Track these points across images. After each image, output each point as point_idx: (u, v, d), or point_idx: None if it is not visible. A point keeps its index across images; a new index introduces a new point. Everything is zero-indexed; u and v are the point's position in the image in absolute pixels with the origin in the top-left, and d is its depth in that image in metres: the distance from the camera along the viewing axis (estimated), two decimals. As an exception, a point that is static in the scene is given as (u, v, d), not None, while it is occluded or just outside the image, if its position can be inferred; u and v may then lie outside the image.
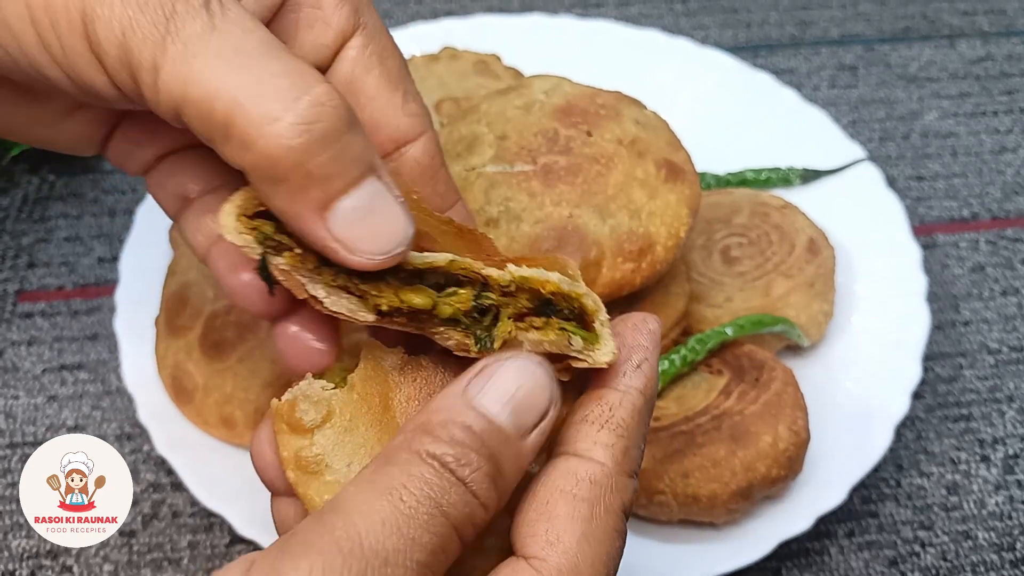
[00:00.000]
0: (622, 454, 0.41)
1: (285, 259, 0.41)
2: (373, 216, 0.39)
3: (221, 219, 0.41)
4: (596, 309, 0.42)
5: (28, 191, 1.01)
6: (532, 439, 0.40)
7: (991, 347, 0.91)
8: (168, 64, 0.36)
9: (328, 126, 0.37)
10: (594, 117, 0.76)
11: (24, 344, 0.89)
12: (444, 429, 0.38)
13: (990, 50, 1.20)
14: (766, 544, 0.71)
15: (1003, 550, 0.78)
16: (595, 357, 0.42)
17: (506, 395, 0.39)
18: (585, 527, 0.39)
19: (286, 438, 0.43)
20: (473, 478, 0.37)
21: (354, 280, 0.42)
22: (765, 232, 0.86)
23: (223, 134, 0.37)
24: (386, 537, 0.34)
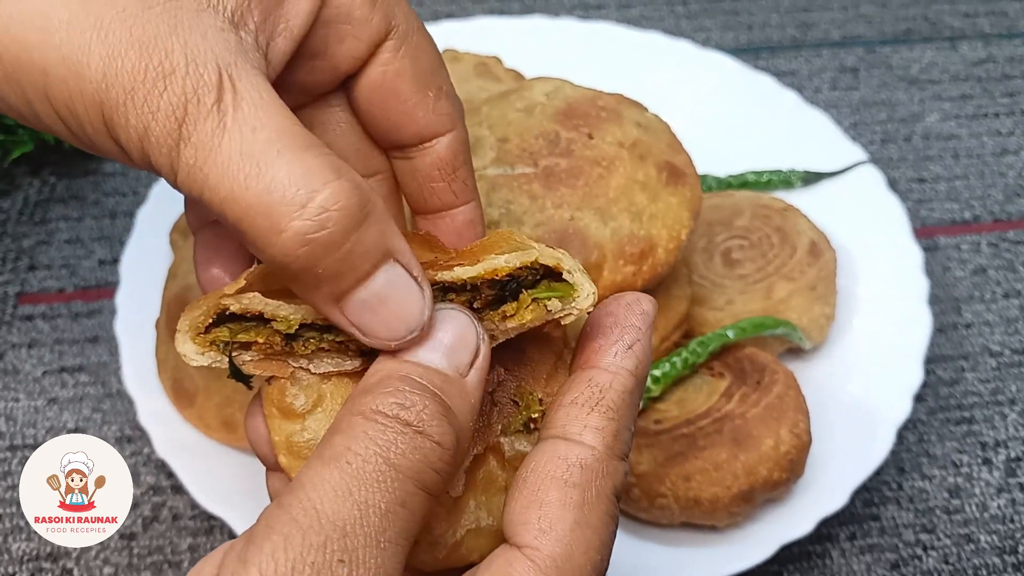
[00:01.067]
0: (613, 437, 0.41)
1: (254, 352, 0.43)
2: (387, 305, 0.39)
3: (178, 348, 0.43)
4: (557, 260, 0.42)
5: (29, 193, 1.01)
6: (472, 376, 0.40)
7: (993, 350, 0.91)
8: (183, 169, 0.37)
9: (333, 232, 0.36)
10: (595, 120, 0.76)
11: (25, 346, 0.89)
12: (382, 384, 0.38)
13: (991, 52, 1.20)
14: (768, 547, 0.71)
15: (1005, 553, 0.77)
16: (578, 306, 0.42)
17: (434, 342, 0.40)
18: (577, 514, 0.38)
19: (277, 423, 0.43)
20: (420, 417, 0.37)
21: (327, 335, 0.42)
22: (766, 234, 0.86)
23: (238, 233, 0.37)
24: (340, 505, 0.34)
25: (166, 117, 0.36)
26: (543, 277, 0.42)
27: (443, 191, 0.48)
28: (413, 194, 0.49)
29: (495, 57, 0.98)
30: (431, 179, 0.48)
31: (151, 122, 0.36)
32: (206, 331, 0.42)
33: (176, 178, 0.37)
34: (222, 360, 0.42)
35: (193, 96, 0.36)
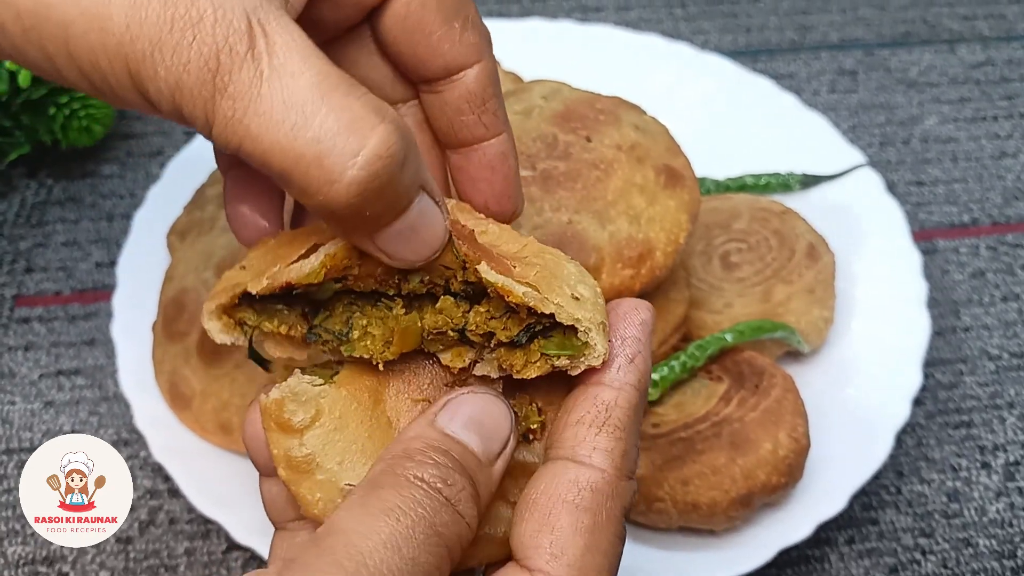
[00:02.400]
0: (621, 458, 0.41)
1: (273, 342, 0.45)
2: (415, 234, 0.40)
3: (204, 324, 0.44)
4: (574, 321, 0.42)
5: (26, 196, 1.01)
6: (499, 465, 0.42)
7: (992, 353, 0.91)
8: (220, 120, 0.36)
9: (384, 180, 0.36)
10: (593, 122, 0.76)
11: (21, 349, 0.89)
12: (424, 454, 0.39)
13: (990, 55, 1.19)
14: (766, 552, 0.71)
15: (1004, 558, 0.77)
16: (587, 362, 0.42)
17: (473, 423, 0.41)
18: (589, 538, 0.39)
19: (275, 436, 0.44)
20: (459, 498, 0.38)
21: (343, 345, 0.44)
22: (765, 237, 0.86)
23: (282, 182, 0.37)
24: (389, 557, 0.35)
25: (198, 69, 0.35)
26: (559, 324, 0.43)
27: (473, 124, 0.47)
28: (443, 128, 0.49)
29: (493, 59, 0.98)
30: (460, 112, 0.47)
31: (182, 75, 0.35)
32: (232, 309, 0.44)
33: (211, 131, 0.36)
34: (244, 341, 0.44)
35: (224, 45, 0.35)
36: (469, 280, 0.43)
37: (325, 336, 0.44)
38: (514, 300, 0.41)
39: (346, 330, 0.44)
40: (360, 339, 0.44)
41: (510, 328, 0.43)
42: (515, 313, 0.43)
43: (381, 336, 0.44)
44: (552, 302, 0.41)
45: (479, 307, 0.43)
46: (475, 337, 0.43)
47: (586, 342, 0.42)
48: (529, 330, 0.43)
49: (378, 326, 0.44)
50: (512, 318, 0.43)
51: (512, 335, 0.43)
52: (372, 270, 0.43)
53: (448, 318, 0.43)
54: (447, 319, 0.43)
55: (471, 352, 0.44)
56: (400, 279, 0.43)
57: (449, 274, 0.43)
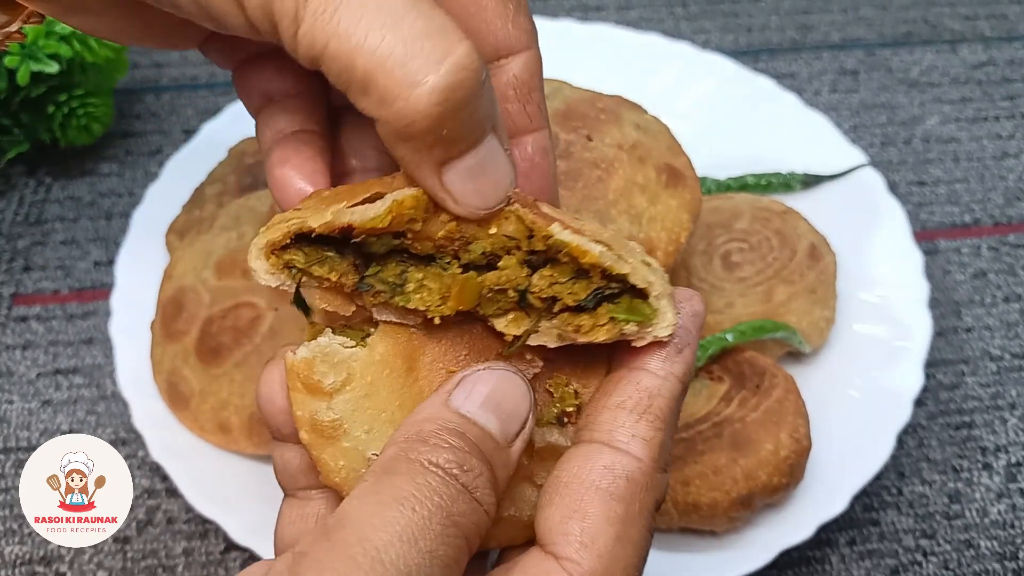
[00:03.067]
0: (659, 449, 0.39)
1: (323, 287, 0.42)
2: (484, 174, 0.39)
3: (250, 263, 0.41)
4: (648, 284, 0.40)
5: (25, 194, 1.00)
6: (516, 447, 0.39)
7: (993, 354, 0.90)
8: (309, 17, 0.36)
9: (466, 93, 0.36)
10: (594, 122, 0.75)
11: (19, 348, 0.88)
12: (439, 437, 0.37)
13: (992, 55, 1.19)
14: (767, 553, 0.71)
15: (1006, 559, 0.77)
16: (655, 333, 0.40)
17: (490, 403, 0.39)
18: (620, 529, 0.37)
19: (301, 397, 0.41)
20: (477, 484, 0.36)
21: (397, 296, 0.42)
22: (766, 237, 0.85)
23: (361, 88, 0.37)
24: (406, 551, 0.33)
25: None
26: (627, 290, 0.41)
27: (517, 113, 0.46)
28: None
29: (494, 58, 0.98)
30: (505, 99, 0.46)
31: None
32: (280, 250, 0.41)
33: (298, 30, 0.36)
34: (290, 285, 0.42)
35: None
36: (535, 249, 0.41)
37: (378, 286, 0.42)
38: (589, 261, 0.39)
39: (400, 282, 0.42)
40: (415, 291, 0.41)
41: (576, 292, 0.40)
42: (582, 278, 0.41)
43: (438, 290, 0.41)
44: (627, 262, 0.40)
45: (544, 270, 0.41)
46: (536, 300, 0.41)
47: (656, 309, 0.40)
48: (597, 294, 0.40)
49: (435, 280, 0.42)
50: (579, 283, 0.41)
51: (579, 299, 0.40)
52: (434, 231, 0.41)
53: (511, 276, 0.41)
54: (509, 277, 0.41)
55: (528, 320, 0.42)
56: (460, 246, 0.41)
57: (512, 244, 0.41)
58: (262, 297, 0.76)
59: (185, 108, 1.09)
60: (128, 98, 1.09)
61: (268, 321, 0.76)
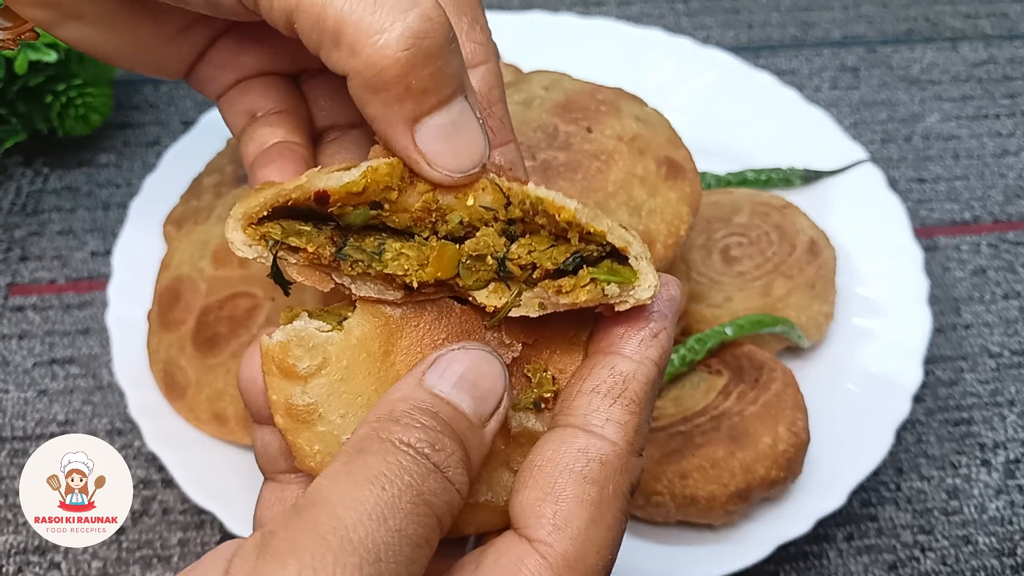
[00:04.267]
0: (634, 432, 0.39)
1: (301, 257, 0.41)
2: (457, 135, 0.40)
3: (227, 235, 0.41)
4: (626, 243, 0.40)
5: (22, 184, 1.00)
6: (491, 427, 0.39)
7: (992, 351, 0.90)
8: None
9: (433, 42, 0.37)
10: (594, 113, 0.75)
11: (15, 338, 0.88)
12: (411, 417, 0.37)
13: (992, 53, 1.19)
14: (764, 547, 0.70)
15: (1003, 555, 0.77)
16: (637, 295, 0.40)
17: (464, 382, 0.39)
18: (594, 512, 0.38)
19: (276, 381, 0.41)
20: (448, 463, 0.37)
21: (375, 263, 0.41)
22: (765, 232, 0.85)
23: (332, 40, 0.38)
24: (375, 530, 0.33)
25: None
26: (607, 256, 0.41)
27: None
28: None
29: (494, 51, 0.98)
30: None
31: None
32: (258, 223, 0.41)
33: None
34: (267, 257, 0.41)
35: None
36: (512, 218, 0.41)
37: (356, 255, 0.41)
38: (566, 217, 0.39)
39: (378, 251, 0.41)
40: (393, 258, 0.41)
41: (556, 257, 0.40)
42: (561, 243, 0.41)
43: (416, 258, 0.41)
44: (604, 220, 0.40)
45: (522, 239, 0.41)
46: (516, 268, 0.41)
47: (636, 271, 0.40)
48: (576, 257, 0.40)
49: (413, 249, 0.41)
50: (557, 248, 0.41)
51: (559, 263, 0.40)
52: (410, 203, 0.41)
53: (489, 243, 0.41)
54: (487, 243, 0.41)
55: (508, 293, 0.42)
56: (438, 219, 0.41)
57: (489, 216, 0.41)
58: (259, 287, 0.76)
59: (183, 99, 1.09)
60: (126, 89, 1.09)
61: (265, 311, 0.75)
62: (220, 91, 0.51)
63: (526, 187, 0.40)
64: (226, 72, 0.50)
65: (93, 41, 0.46)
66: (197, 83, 0.51)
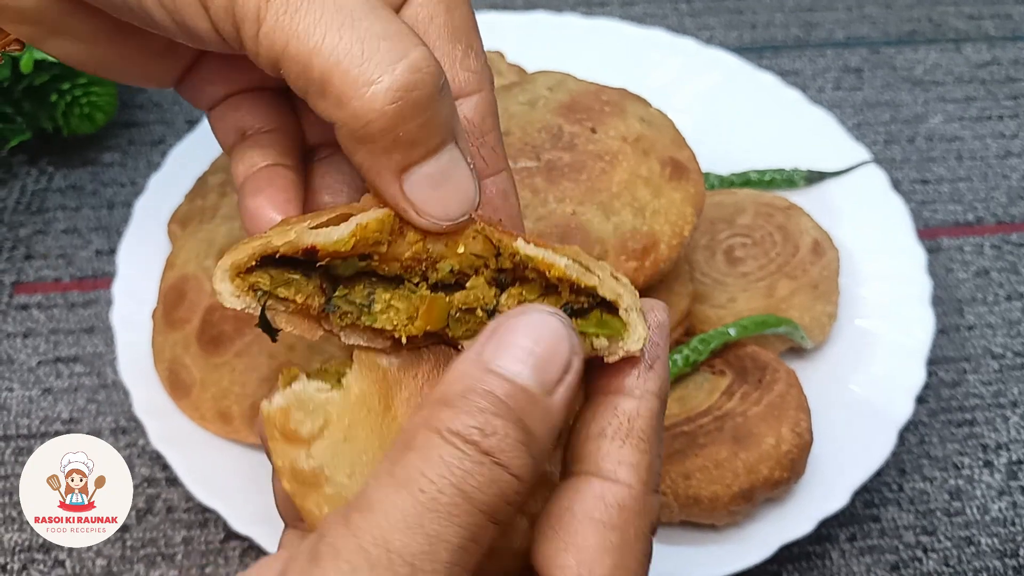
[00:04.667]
0: (647, 471, 0.39)
1: (290, 307, 0.42)
2: (446, 183, 0.39)
3: (215, 285, 0.41)
4: (617, 296, 0.39)
5: (27, 183, 1.00)
6: (559, 395, 0.37)
7: (995, 352, 0.90)
8: (271, 18, 0.37)
9: (423, 94, 0.37)
10: (598, 114, 0.75)
11: (20, 336, 0.88)
12: (464, 400, 0.35)
13: (996, 54, 1.19)
14: (767, 547, 0.70)
15: (1006, 556, 0.77)
16: (626, 347, 0.40)
17: (523, 352, 0.36)
18: (616, 558, 0.37)
19: (280, 447, 0.40)
20: (501, 447, 0.34)
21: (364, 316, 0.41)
22: (769, 233, 0.85)
23: (319, 90, 0.37)
24: (411, 539, 0.32)
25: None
26: (597, 306, 0.41)
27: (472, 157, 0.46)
28: None
29: (498, 52, 0.98)
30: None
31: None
32: (246, 273, 0.41)
33: (259, 29, 0.37)
34: (256, 308, 0.41)
35: None
36: (503, 267, 0.41)
37: (345, 307, 0.41)
38: (556, 274, 0.39)
39: (367, 303, 0.41)
40: (383, 311, 0.41)
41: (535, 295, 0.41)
42: (551, 294, 0.40)
43: (405, 310, 0.41)
44: (595, 274, 0.39)
45: (512, 289, 0.41)
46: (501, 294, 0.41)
47: (626, 323, 0.39)
48: (566, 309, 0.40)
49: (402, 301, 0.41)
50: (547, 299, 0.40)
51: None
52: (400, 252, 0.41)
53: (479, 295, 0.41)
54: (478, 296, 0.41)
55: None
56: (428, 267, 0.41)
57: (479, 263, 0.41)
58: (264, 286, 0.76)
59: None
60: (131, 88, 1.09)
61: (270, 310, 0.75)
62: (210, 104, 0.50)
63: (516, 243, 0.40)
64: (215, 86, 0.50)
65: (79, 56, 0.47)
66: (186, 93, 0.51)
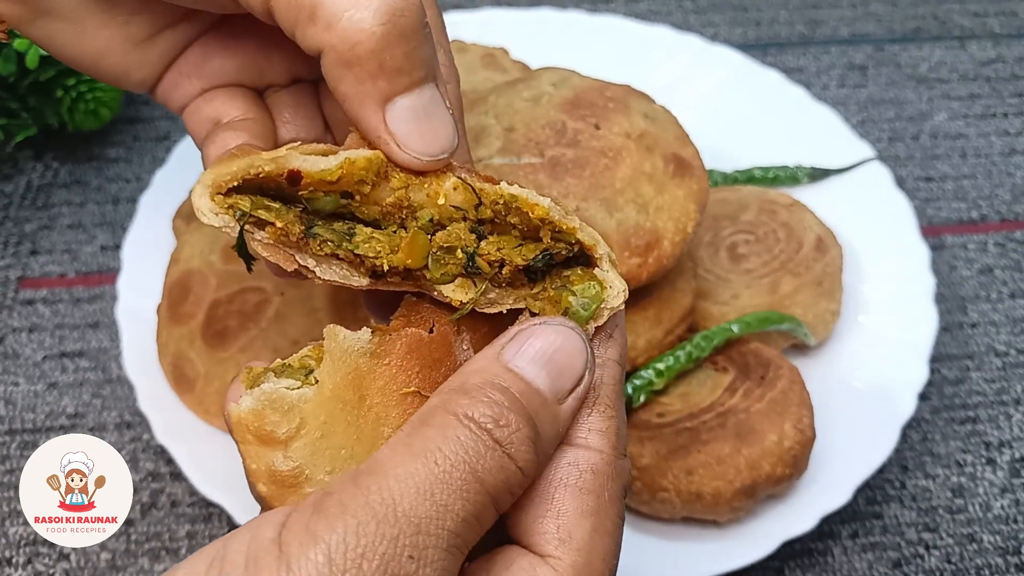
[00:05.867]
0: (616, 436, 0.41)
1: (268, 233, 0.41)
2: (428, 119, 0.41)
3: (194, 201, 0.40)
4: (594, 241, 0.40)
5: (32, 178, 1.00)
6: (569, 404, 0.40)
7: (999, 350, 0.90)
8: None
9: (409, 21, 0.39)
10: (602, 110, 0.75)
11: (25, 331, 0.88)
12: (481, 391, 0.37)
13: (1001, 52, 1.19)
14: (769, 543, 0.71)
15: (1008, 554, 0.77)
16: (608, 305, 0.41)
17: (542, 357, 0.39)
18: (594, 520, 0.39)
19: (254, 450, 0.39)
20: (512, 439, 0.37)
21: (345, 243, 0.41)
22: (773, 230, 0.85)
23: (308, 15, 0.39)
24: (420, 503, 0.34)
25: None
26: (573, 259, 0.41)
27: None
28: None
29: (502, 48, 0.98)
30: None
31: None
32: (227, 193, 0.40)
33: None
34: (233, 228, 0.40)
35: None
36: (482, 218, 0.41)
37: (325, 235, 0.41)
38: (539, 214, 0.40)
39: (348, 235, 0.41)
40: (364, 241, 0.41)
41: (525, 255, 0.41)
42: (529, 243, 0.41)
43: (387, 244, 0.41)
44: (574, 219, 0.40)
45: (491, 237, 0.42)
46: (484, 264, 0.41)
47: (602, 281, 0.40)
48: (546, 255, 0.41)
49: (383, 237, 0.41)
50: (526, 246, 0.41)
51: (528, 260, 0.41)
52: (382, 197, 0.41)
53: (459, 235, 0.41)
54: (459, 236, 0.41)
55: (474, 289, 0.42)
56: (408, 215, 0.41)
57: (459, 215, 0.41)
58: (268, 282, 0.77)
59: (193, 95, 1.09)
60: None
61: (274, 306, 0.76)
62: (185, 101, 0.51)
63: (498, 186, 0.41)
64: (191, 81, 0.51)
65: (61, 41, 0.47)
66: (163, 94, 0.52)
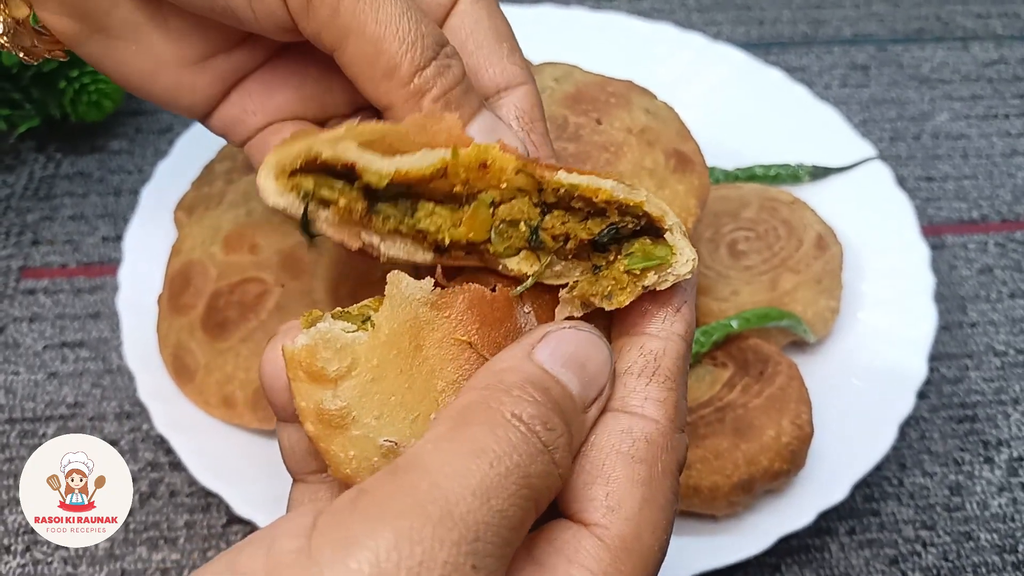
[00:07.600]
0: (674, 408, 0.39)
1: (332, 212, 0.41)
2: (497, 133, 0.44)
3: (259, 182, 0.40)
4: (663, 212, 0.39)
5: (34, 169, 1.01)
6: (592, 413, 0.39)
7: (998, 349, 0.90)
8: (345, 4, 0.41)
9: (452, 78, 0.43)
10: (604, 105, 0.75)
11: (26, 320, 0.89)
12: (523, 389, 0.36)
13: (1003, 53, 1.19)
14: (766, 538, 0.71)
15: (1005, 552, 0.77)
16: (676, 271, 0.40)
17: (574, 363, 0.38)
18: (645, 491, 0.37)
19: (304, 387, 0.39)
20: (557, 444, 0.35)
21: (407, 219, 0.41)
22: (773, 227, 0.85)
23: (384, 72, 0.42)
24: (477, 508, 0.32)
25: None
26: (641, 231, 0.41)
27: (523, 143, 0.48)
28: None
29: (505, 44, 0.98)
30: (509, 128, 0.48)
31: None
32: (291, 175, 0.41)
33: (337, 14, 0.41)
34: (298, 208, 0.41)
35: None
36: (546, 202, 0.41)
37: (388, 211, 0.41)
38: (603, 197, 0.39)
39: (411, 211, 0.41)
40: (427, 216, 0.41)
41: (591, 228, 0.40)
42: (595, 216, 0.41)
43: (450, 218, 0.41)
44: (640, 191, 0.40)
45: (556, 211, 0.41)
46: (548, 238, 0.41)
47: (672, 246, 0.40)
48: (612, 229, 0.40)
49: (446, 211, 0.41)
50: (592, 220, 0.41)
51: (593, 234, 0.40)
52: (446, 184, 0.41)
53: (523, 209, 0.41)
54: (522, 209, 0.41)
55: (539, 263, 0.41)
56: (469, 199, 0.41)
57: (522, 196, 0.41)
58: (269, 273, 0.77)
59: (196, 88, 1.09)
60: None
61: (275, 297, 0.76)
62: (248, 135, 0.51)
63: (557, 175, 0.40)
64: (256, 116, 0.51)
65: (115, 59, 0.48)
66: (223, 127, 0.51)
